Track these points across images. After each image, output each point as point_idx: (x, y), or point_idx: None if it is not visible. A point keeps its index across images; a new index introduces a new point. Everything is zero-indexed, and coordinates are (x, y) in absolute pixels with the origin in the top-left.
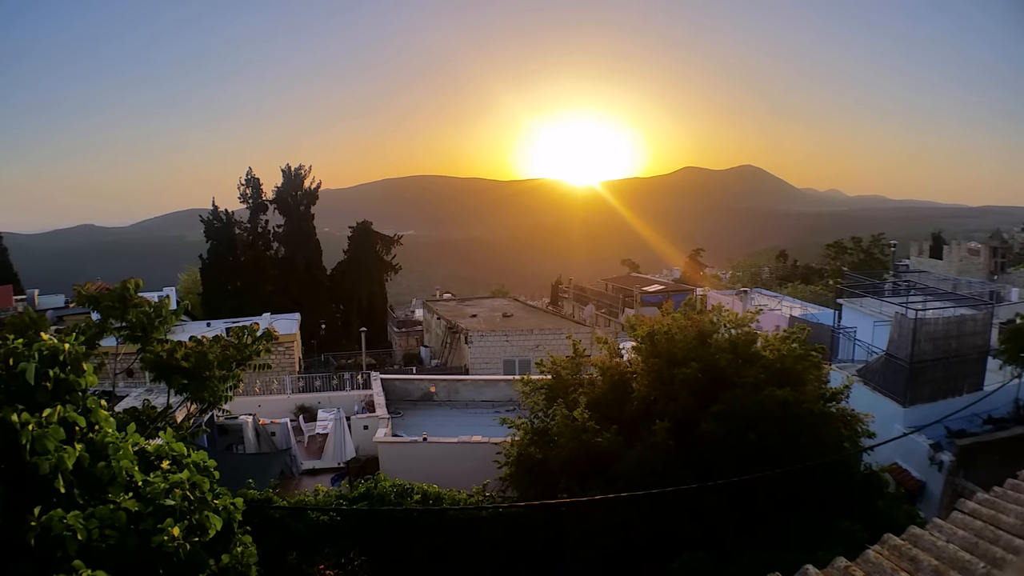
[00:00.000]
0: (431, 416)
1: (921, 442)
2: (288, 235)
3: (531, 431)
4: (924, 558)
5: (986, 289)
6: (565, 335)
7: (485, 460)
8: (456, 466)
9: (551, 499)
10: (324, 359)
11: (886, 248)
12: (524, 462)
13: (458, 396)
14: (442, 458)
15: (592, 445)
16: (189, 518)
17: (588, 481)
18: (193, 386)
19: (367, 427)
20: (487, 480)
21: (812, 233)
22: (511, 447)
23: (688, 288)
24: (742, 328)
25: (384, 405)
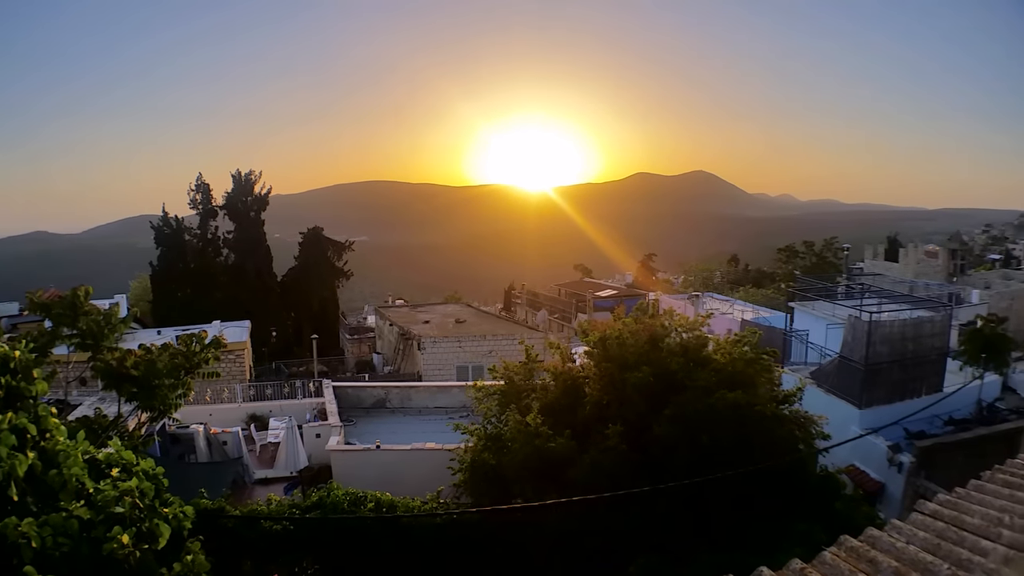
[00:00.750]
0: (384, 423)
1: (879, 444)
2: (238, 241)
3: (484, 437)
4: (883, 559)
5: (944, 291)
6: (518, 340)
7: (439, 467)
8: (410, 473)
9: (506, 505)
10: (275, 367)
11: (839, 252)
12: (478, 468)
13: (411, 403)
14: (396, 465)
15: (545, 450)
16: (139, 526)
17: (542, 486)
18: (143, 394)
19: (319, 435)
20: (441, 487)
21: (764, 237)
22: (465, 453)
23: (640, 293)
24: (693, 332)
25: (336, 413)
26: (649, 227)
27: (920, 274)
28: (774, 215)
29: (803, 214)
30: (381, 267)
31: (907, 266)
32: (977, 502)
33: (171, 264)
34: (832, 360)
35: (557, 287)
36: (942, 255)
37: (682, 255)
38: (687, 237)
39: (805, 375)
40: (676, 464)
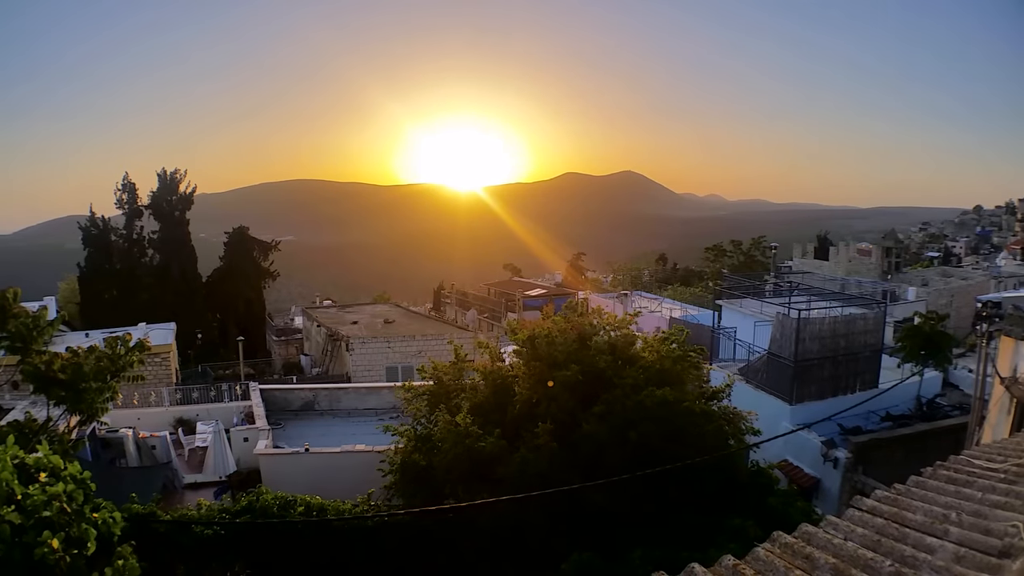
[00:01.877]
0: (313, 426)
1: (812, 439)
2: (163, 242)
3: (414, 438)
4: (820, 556)
5: (878, 289)
6: (447, 340)
7: (370, 469)
8: (340, 476)
9: (437, 505)
10: (201, 370)
11: (767, 250)
12: (408, 469)
13: (340, 405)
14: (326, 468)
15: (476, 450)
16: (67, 531)
17: (473, 485)
18: (70, 398)
19: (247, 439)
20: (372, 489)
21: (692, 237)
22: (395, 455)
23: (570, 292)
24: (621, 330)
25: (264, 416)
26: (579, 227)
27: (852, 272)
28: (702, 215)
29: (731, 214)
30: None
31: (838, 264)
32: (919, 498)
33: (98, 265)
34: (761, 357)
35: (487, 286)
36: (876, 253)
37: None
38: (616, 237)
39: (734, 372)
40: (606, 461)
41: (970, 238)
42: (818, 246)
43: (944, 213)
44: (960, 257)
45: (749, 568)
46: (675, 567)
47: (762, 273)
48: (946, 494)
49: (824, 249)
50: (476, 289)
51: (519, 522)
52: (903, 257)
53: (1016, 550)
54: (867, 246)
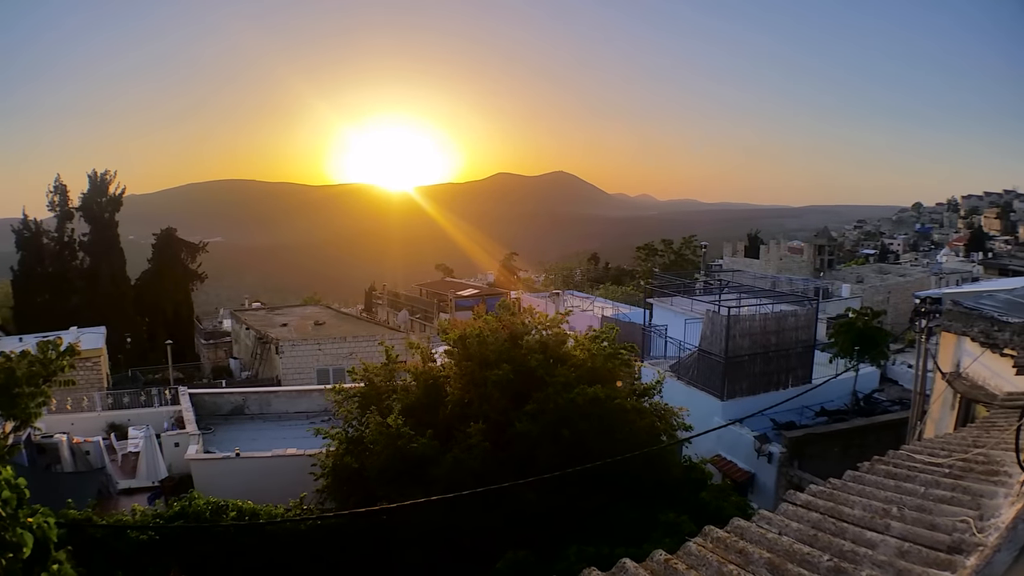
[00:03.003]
0: (244, 431)
1: (745, 434)
2: (93, 244)
3: (345, 440)
4: (754, 551)
5: (811, 286)
6: (378, 342)
7: (302, 472)
8: (272, 480)
9: (367, 508)
10: (131, 375)
11: (697, 249)
12: (340, 472)
13: (271, 408)
14: (257, 473)
15: (408, 451)
16: (3, 535)
17: (406, 487)
18: (4, 403)
19: (178, 444)
20: (304, 493)
21: (624, 237)
22: (326, 458)
23: (502, 292)
24: (553, 329)
25: (194, 421)
26: (511, 227)
27: (783, 270)
28: (634, 215)
29: (662, 213)
30: (237, 269)
31: (769, 262)
32: (856, 493)
33: (30, 269)
34: (692, 354)
35: (418, 287)
36: (807, 251)
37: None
38: (548, 236)
39: (665, 369)
40: (539, 459)
41: (909, 235)
42: (749, 245)
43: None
44: (898, 254)
45: (681, 563)
46: (609, 563)
47: (693, 271)
48: (886, 489)
49: (755, 248)
50: (408, 290)
51: (453, 522)
52: (836, 255)
53: (969, 545)
54: (799, 244)
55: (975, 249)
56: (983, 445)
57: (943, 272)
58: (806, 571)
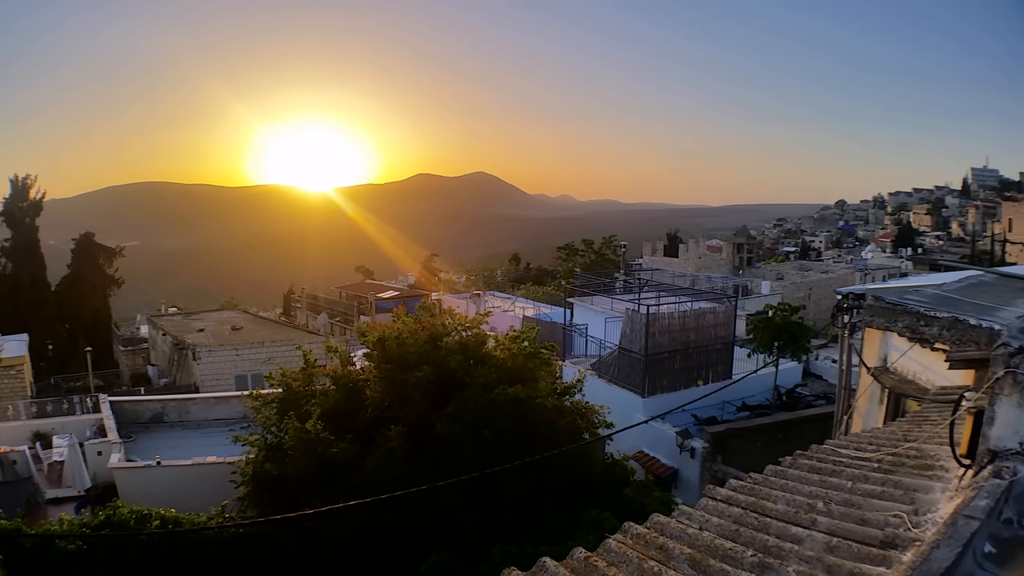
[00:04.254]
0: (164, 438)
1: (667, 430)
2: (14, 250)
3: (265, 447)
4: (675, 546)
5: (730, 283)
6: (296, 346)
7: (223, 480)
8: (194, 489)
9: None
10: (54, 382)
11: (617, 248)
12: (261, 480)
13: (190, 416)
14: (179, 481)
15: (328, 456)
16: None
17: (328, 493)
18: None
19: (100, 453)
20: (225, 501)
21: (545, 237)
22: (246, 466)
23: (423, 293)
24: (473, 330)
25: (115, 429)
26: (432, 228)
27: (703, 268)
28: (555, 215)
29: (583, 214)
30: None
31: (688, 261)
32: (779, 488)
33: None
34: (612, 352)
35: (338, 289)
36: (726, 249)
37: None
38: (469, 237)
39: (586, 367)
40: (461, 460)
41: (831, 232)
42: (668, 244)
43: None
44: (820, 251)
45: (601, 560)
46: (533, 562)
47: (613, 271)
48: (810, 483)
49: (674, 247)
50: (328, 293)
51: (376, 527)
52: (756, 253)
53: (904, 540)
54: (718, 243)
55: (903, 245)
56: (915, 439)
57: (868, 268)
58: (729, 567)
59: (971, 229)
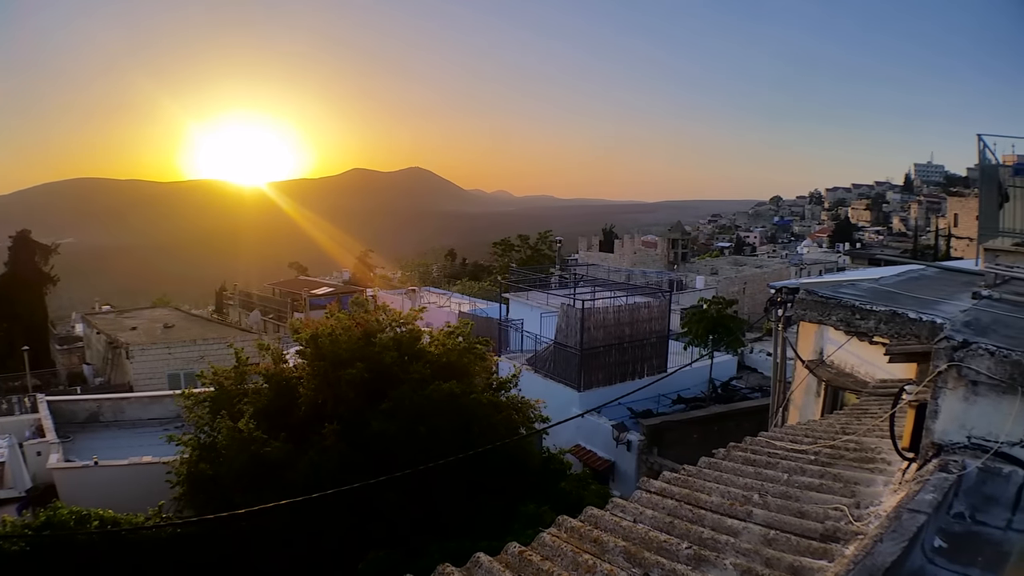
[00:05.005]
0: (102, 438)
1: (603, 424)
2: None
3: (199, 447)
4: (609, 539)
5: (665, 278)
6: (227, 344)
7: (160, 480)
8: (131, 489)
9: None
10: None
11: (553, 244)
12: (196, 480)
13: (124, 415)
14: (116, 481)
15: (261, 455)
16: None
17: (263, 493)
18: None
19: (40, 453)
20: (162, 501)
21: (480, 232)
22: (181, 466)
23: (358, 289)
24: (408, 326)
25: (53, 429)
26: (367, 223)
27: (638, 263)
28: (490, 210)
29: (519, 209)
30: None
31: (623, 256)
32: (713, 479)
33: None
34: (548, 347)
35: (271, 286)
36: (661, 244)
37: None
38: (405, 233)
39: (522, 362)
40: (398, 458)
41: (766, 228)
42: (603, 239)
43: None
44: (754, 247)
45: (535, 555)
46: (470, 557)
47: (548, 266)
48: (745, 475)
49: (609, 242)
50: (260, 289)
51: (313, 526)
52: (691, 248)
53: (845, 533)
54: (653, 238)
55: (841, 240)
56: (853, 432)
57: (804, 263)
58: (664, 559)
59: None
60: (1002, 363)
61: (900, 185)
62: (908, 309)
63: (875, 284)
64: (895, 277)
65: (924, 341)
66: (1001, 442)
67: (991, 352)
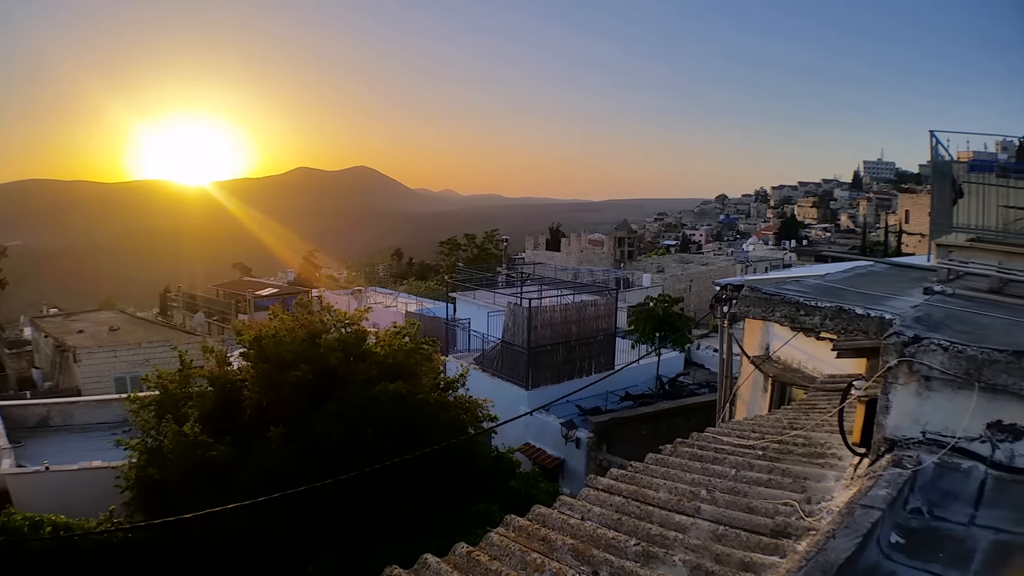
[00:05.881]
0: (52, 443)
1: (552, 422)
2: None
3: (146, 451)
4: (557, 538)
5: (611, 276)
6: (171, 346)
7: (110, 485)
8: (82, 494)
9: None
10: None
11: (500, 243)
12: (144, 484)
13: (73, 420)
14: (68, 487)
15: (207, 459)
16: None
17: (209, 496)
18: None
19: None
20: (113, 506)
21: (427, 232)
22: (129, 470)
23: (304, 290)
24: (353, 327)
25: (4, 434)
26: (313, 222)
27: (585, 261)
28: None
29: (465, 208)
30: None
31: (570, 255)
32: (661, 476)
33: None
34: (495, 345)
35: (215, 287)
36: (608, 243)
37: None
38: (351, 232)
39: (469, 361)
40: (344, 459)
41: (712, 226)
42: (550, 238)
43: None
44: (700, 244)
45: (483, 555)
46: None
47: (495, 265)
48: (692, 471)
49: (556, 241)
50: (205, 291)
51: (261, 529)
52: (637, 246)
53: (797, 529)
54: (599, 237)
55: (787, 237)
56: (801, 427)
57: (750, 260)
58: (613, 556)
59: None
60: (957, 358)
61: (849, 183)
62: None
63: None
64: (842, 273)
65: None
66: (959, 437)
67: (944, 348)
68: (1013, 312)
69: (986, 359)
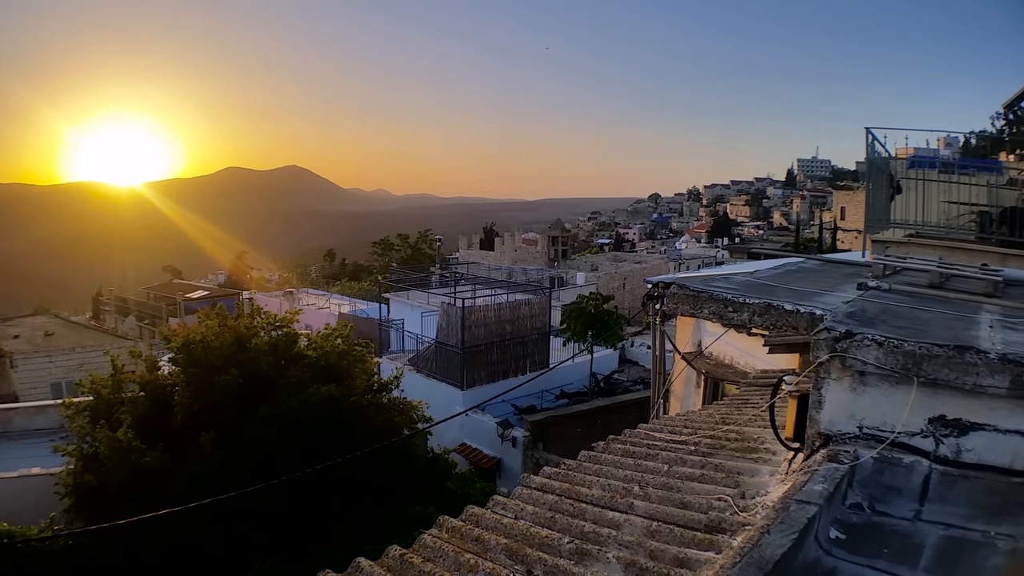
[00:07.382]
0: None
1: (488, 421)
2: None
3: (82, 457)
4: (491, 537)
5: (545, 275)
6: (103, 351)
7: (50, 492)
8: (22, 501)
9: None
10: None
11: (433, 243)
12: (82, 491)
13: (12, 426)
14: (8, 494)
15: (141, 466)
16: None
17: (145, 502)
18: None
19: None
20: (53, 513)
21: (360, 232)
22: (67, 477)
23: (235, 292)
24: (283, 329)
25: None
26: (245, 223)
27: (519, 260)
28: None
29: (399, 208)
30: None
31: (504, 254)
32: (593, 473)
33: None
34: (429, 346)
35: (146, 290)
36: (542, 242)
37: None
38: (283, 233)
39: (403, 363)
40: (278, 464)
41: (645, 225)
42: (484, 237)
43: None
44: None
45: (417, 556)
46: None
47: (428, 265)
48: (625, 468)
49: (490, 240)
50: (137, 294)
51: (197, 535)
52: (571, 245)
53: (731, 524)
54: (533, 236)
55: (719, 235)
56: (733, 422)
57: (683, 258)
58: (547, 555)
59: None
60: (893, 353)
61: (782, 181)
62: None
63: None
64: (772, 270)
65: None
66: (899, 432)
67: (879, 343)
68: (956, 307)
69: (925, 354)
